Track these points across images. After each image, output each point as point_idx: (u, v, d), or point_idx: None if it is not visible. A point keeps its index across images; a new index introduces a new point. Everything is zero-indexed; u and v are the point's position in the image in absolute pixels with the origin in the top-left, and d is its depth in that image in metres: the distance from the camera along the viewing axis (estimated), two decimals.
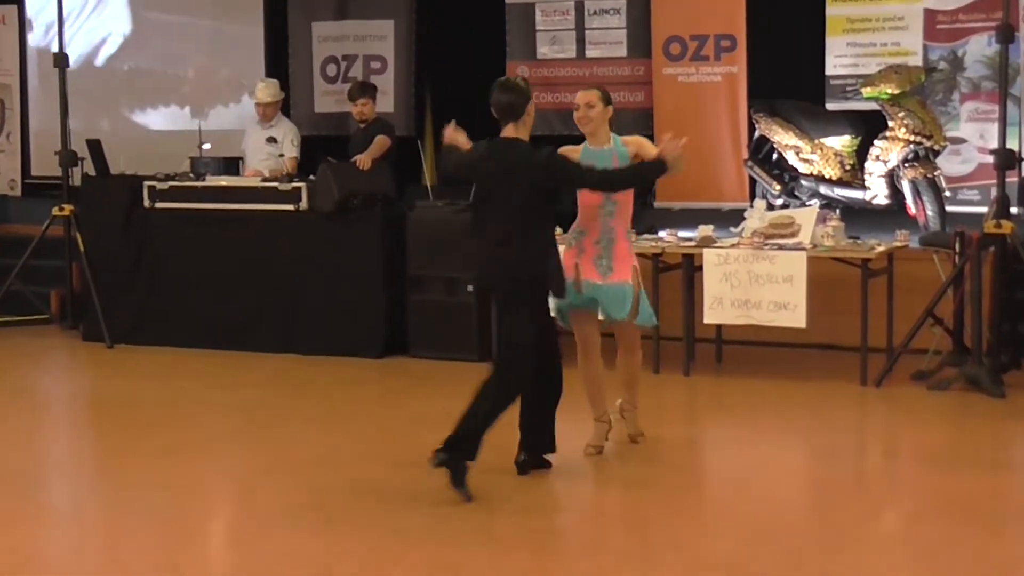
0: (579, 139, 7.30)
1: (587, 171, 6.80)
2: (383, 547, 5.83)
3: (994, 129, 9.69)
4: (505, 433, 6.81)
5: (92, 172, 11.06)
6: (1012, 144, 9.38)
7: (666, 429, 8.07)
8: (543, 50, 13.05)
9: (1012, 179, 9.47)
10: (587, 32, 12.88)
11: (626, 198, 7.07)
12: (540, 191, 6.61)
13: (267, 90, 11.09)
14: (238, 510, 6.68)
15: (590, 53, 12.88)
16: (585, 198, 7.11)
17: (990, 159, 9.42)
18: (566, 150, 7.10)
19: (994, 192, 9.04)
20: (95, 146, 11.00)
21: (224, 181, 10.70)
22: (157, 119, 14.93)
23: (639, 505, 6.57)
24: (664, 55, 12.37)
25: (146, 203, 10.67)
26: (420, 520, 6.18)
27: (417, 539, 5.93)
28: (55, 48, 12.03)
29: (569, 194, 7.10)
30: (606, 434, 7.28)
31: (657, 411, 8.58)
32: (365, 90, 10.81)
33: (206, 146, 11.20)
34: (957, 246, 8.83)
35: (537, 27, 13.06)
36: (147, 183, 10.68)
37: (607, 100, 7.19)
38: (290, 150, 10.95)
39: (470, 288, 9.73)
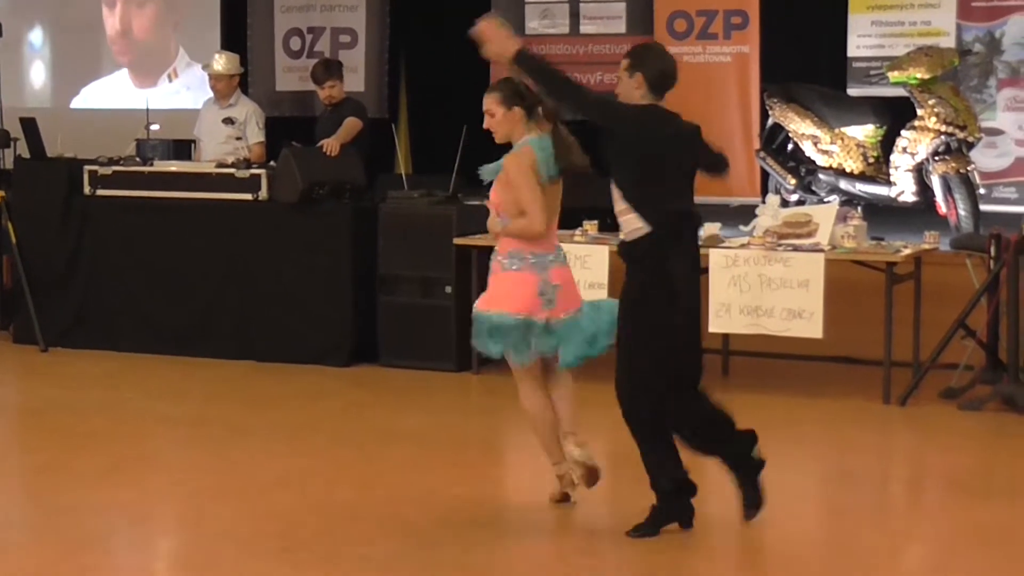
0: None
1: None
2: None
3: None
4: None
5: (26, 154, 11.03)
6: None
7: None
8: (532, 24, 13.09)
9: None
10: (582, 5, 12.92)
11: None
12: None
13: (224, 62, 11.03)
14: (187, 535, 6.65)
15: (585, 29, 12.91)
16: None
17: None
18: (522, 154, 6.73)
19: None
20: (30, 125, 10.97)
21: (174, 166, 10.69)
22: (99, 95, 14.93)
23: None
24: (668, 32, 12.41)
25: (86, 190, 10.64)
26: (391, 547, 6.17)
27: (387, 569, 5.92)
28: None
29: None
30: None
31: None
32: (331, 70, 10.74)
33: (154, 127, 11.19)
34: (992, 249, 8.85)
35: None
36: (88, 167, 10.65)
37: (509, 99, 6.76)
38: (255, 134, 10.90)
39: (448, 289, 9.73)
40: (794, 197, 11.27)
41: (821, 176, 11.30)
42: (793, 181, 11.38)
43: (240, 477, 7.33)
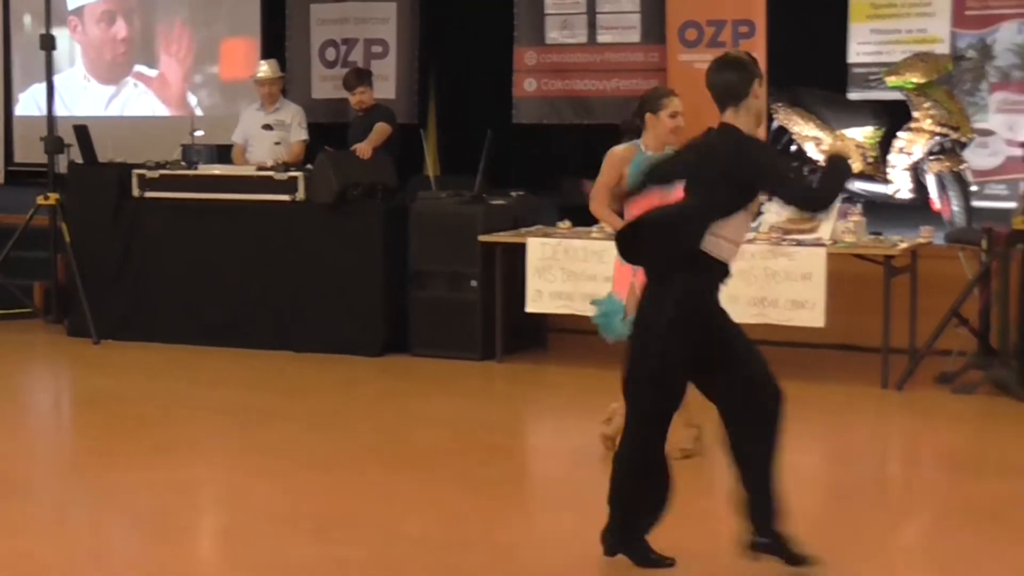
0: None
1: (795, 176, 5.73)
2: (384, 554, 5.83)
3: None
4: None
5: (79, 159, 11.07)
6: None
7: (673, 433, 8.07)
8: (552, 35, 13.06)
9: None
10: (599, 16, 12.89)
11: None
12: (726, 188, 5.45)
13: (269, 67, 11.08)
14: (230, 514, 6.68)
15: (602, 38, 12.88)
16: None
17: (1019, 152, 9.43)
18: (620, 150, 7.13)
19: (1023, 187, 9.05)
20: (82, 132, 11.01)
21: (217, 170, 10.70)
22: (148, 105, 14.98)
23: None
24: (679, 41, 12.36)
25: (135, 192, 10.67)
26: (422, 527, 6.19)
27: (418, 547, 5.93)
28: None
29: None
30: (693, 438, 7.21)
31: None
32: (362, 78, 10.81)
33: (198, 133, 11.21)
34: (984, 243, 8.82)
35: (546, 10, 13.06)
36: (136, 171, 10.68)
37: None
38: (298, 133, 10.92)
39: (474, 283, 9.75)
40: None
41: None
42: None
43: (278, 460, 7.35)
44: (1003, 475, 7.05)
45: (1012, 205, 10.16)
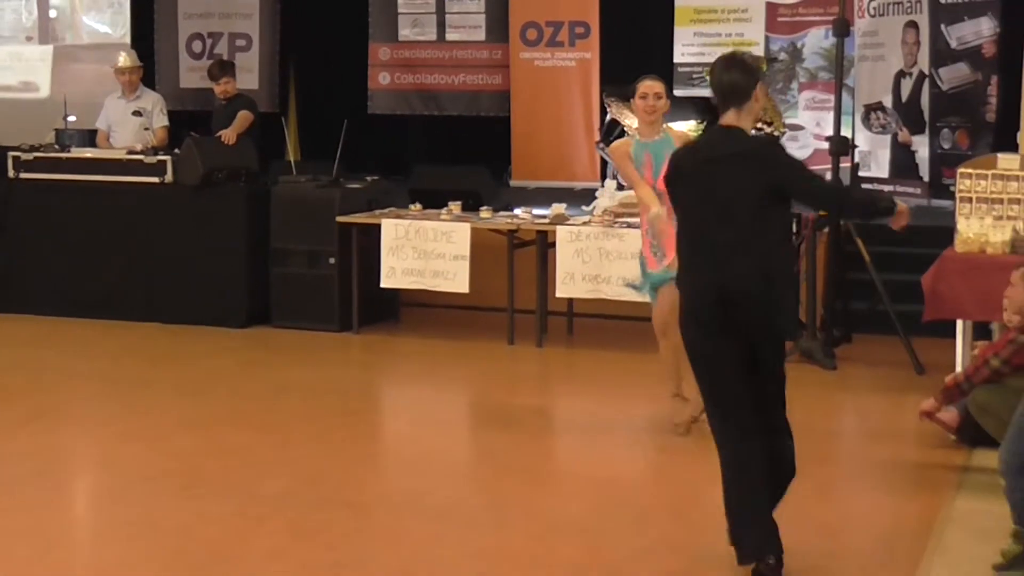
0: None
1: (815, 177, 5.18)
2: (244, 511, 5.75)
3: (829, 117, 9.90)
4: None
5: None
6: (846, 131, 9.60)
7: (520, 398, 8.11)
8: (405, 32, 13.02)
9: (845, 164, 9.68)
10: (447, 16, 12.89)
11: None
12: (765, 191, 4.89)
13: (129, 57, 10.89)
14: (101, 476, 6.54)
15: (450, 36, 12.88)
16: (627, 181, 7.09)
17: (825, 145, 9.62)
18: (618, 144, 7.06)
19: (829, 176, 9.22)
20: None
21: (89, 153, 10.49)
22: (18, 90, 14.58)
23: (490, 470, 6.58)
24: (521, 40, 12.42)
25: (11, 173, 10.38)
26: (282, 485, 6.12)
27: (279, 504, 5.87)
28: None
29: None
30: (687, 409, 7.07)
31: (511, 381, 8.62)
32: (225, 69, 10.73)
33: (71, 118, 10.95)
34: (794, 226, 8.97)
35: (399, 10, 13.04)
36: (11, 153, 10.41)
37: (668, 92, 7.00)
38: (160, 119, 10.74)
39: (332, 260, 9.66)
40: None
41: None
42: None
43: (147, 425, 7.21)
44: (808, 437, 7.12)
45: None
